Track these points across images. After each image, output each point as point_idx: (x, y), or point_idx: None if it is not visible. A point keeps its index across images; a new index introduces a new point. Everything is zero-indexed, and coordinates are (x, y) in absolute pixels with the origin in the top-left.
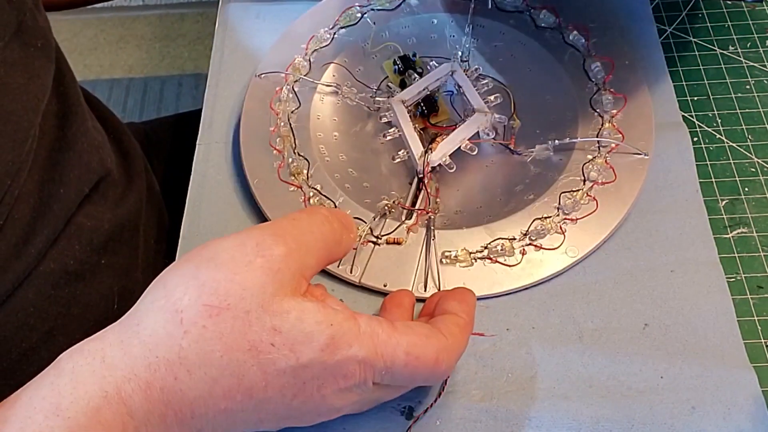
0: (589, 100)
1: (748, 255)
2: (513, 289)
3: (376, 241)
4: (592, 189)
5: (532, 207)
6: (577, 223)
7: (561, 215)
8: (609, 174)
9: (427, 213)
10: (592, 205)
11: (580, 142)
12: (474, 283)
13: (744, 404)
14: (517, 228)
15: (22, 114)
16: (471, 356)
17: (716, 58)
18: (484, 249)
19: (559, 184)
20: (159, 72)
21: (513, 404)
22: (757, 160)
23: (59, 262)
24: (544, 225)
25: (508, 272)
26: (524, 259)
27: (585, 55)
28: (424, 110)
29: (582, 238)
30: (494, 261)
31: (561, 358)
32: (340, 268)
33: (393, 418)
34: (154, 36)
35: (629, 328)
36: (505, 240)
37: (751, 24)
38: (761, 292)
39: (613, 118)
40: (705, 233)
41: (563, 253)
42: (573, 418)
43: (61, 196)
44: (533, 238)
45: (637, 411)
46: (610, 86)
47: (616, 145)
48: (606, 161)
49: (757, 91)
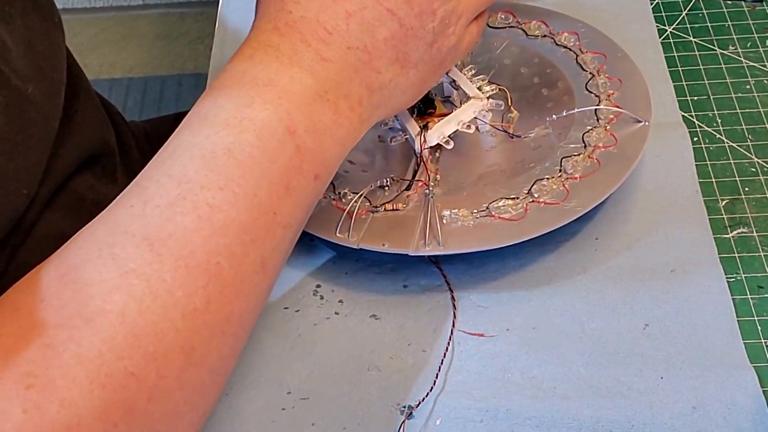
0: (585, 85)
1: (748, 255)
2: (518, 240)
3: (374, 209)
4: (594, 152)
5: (534, 171)
6: (580, 181)
7: (564, 175)
8: (610, 140)
9: (426, 185)
10: (594, 165)
11: (578, 118)
12: (477, 237)
13: (744, 404)
14: (519, 189)
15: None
16: (471, 356)
17: (716, 58)
18: (485, 208)
19: (559, 152)
20: (159, 72)
21: (513, 404)
22: (757, 160)
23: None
24: (547, 184)
25: (512, 225)
26: (528, 214)
27: (577, 53)
28: (421, 107)
29: (586, 193)
30: (497, 218)
31: (561, 358)
32: (339, 236)
33: (393, 418)
34: (154, 35)
35: (629, 328)
36: (507, 199)
37: (751, 24)
38: (761, 292)
39: (610, 96)
40: (705, 233)
41: (569, 207)
42: (573, 418)
43: (59, 156)
44: (536, 195)
45: (637, 411)
46: (605, 73)
47: (616, 115)
48: (606, 129)
49: (757, 91)
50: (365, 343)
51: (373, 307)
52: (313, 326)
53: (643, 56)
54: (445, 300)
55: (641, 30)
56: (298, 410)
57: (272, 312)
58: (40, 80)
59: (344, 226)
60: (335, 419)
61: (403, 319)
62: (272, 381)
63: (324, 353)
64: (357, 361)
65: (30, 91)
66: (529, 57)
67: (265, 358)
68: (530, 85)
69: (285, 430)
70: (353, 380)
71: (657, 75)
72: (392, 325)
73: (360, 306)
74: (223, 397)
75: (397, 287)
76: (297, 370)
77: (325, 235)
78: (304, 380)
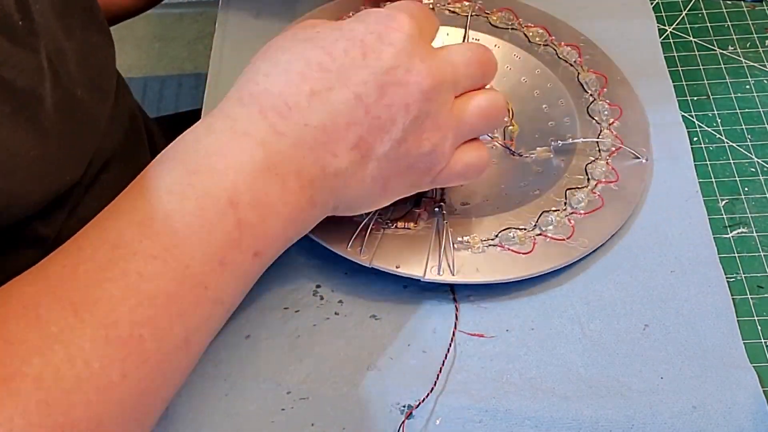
0: (587, 109)
1: (748, 255)
2: (528, 275)
3: (385, 225)
4: (597, 186)
5: (539, 201)
6: (584, 218)
7: (569, 209)
8: (612, 174)
9: (434, 201)
10: (597, 201)
11: (581, 146)
12: (488, 268)
13: (744, 404)
14: (525, 219)
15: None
16: (471, 357)
17: (716, 58)
18: (495, 237)
19: (563, 182)
20: (158, 72)
21: (513, 404)
22: (757, 160)
23: None
24: (553, 217)
25: (521, 259)
26: (536, 248)
27: (579, 70)
28: None
29: (591, 231)
30: (505, 248)
31: (561, 359)
32: (350, 250)
33: (393, 418)
34: (154, 36)
35: (629, 328)
36: (515, 229)
37: (751, 24)
38: (761, 292)
39: (611, 126)
40: (705, 233)
41: (574, 245)
42: (573, 418)
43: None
44: (543, 228)
45: (637, 411)
46: (605, 98)
47: (617, 149)
48: (607, 163)
49: (757, 91)
50: (365, 344)
51: (373, 307)
52: (313, 326)
53: (643, 56)
54: (445, 300)
55: (641, 29)
56: (297, 410)
57: (272, 312)
58: (89, 87)
59: (357, 242)
60: (335, 419)
61: (403, 319)
62: (271, 381)
63: (324, 353)
64: (357, 361)
65: (79, 94)
66: (531, 67)
67: (264, 358)
68: (531, 97)
69: (285, 430)
70: (353, 380)
71: (657, 75)
72: (392, 325)
73: (360, 306)
74: (222, 397)
75: (397, 287)
76: (296, 370)
77: (336, 248)
78: (303, 380)
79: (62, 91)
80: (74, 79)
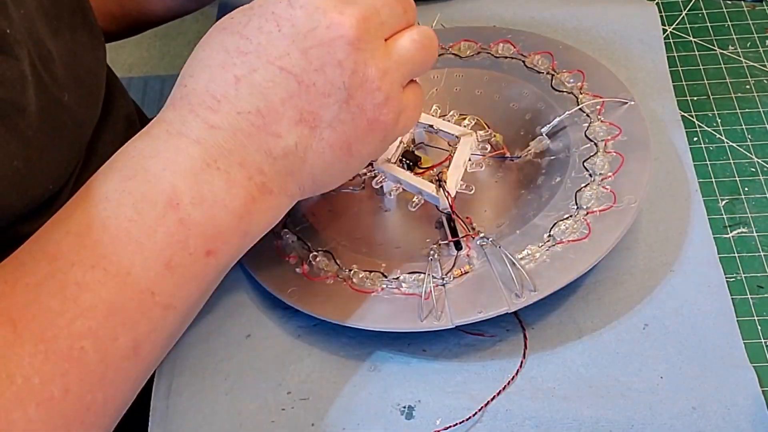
0: (551, 86)
1: (748, 255)
2: (603, 254)
3: (444, 282)
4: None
5: (563, 190)
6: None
7: (595, 182)
8: (616, 160)
9: (475, 235)
10: (617, 161)
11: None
12: (561, 266)
13: (744, 404)
14: (562, 210)
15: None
16: (471, 357)
17: (716, 58)
18: (548, 239)
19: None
20: (159, 71)
21: (513, 404)
22: (757, 160)
23: None
24: (589, 194)
25: (585, 244)
26: (592, 228)
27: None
28: (409, 164)
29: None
30: (565, 242)
31: (561, 358)
32: (424, 323)
33: (393, 418)
34: (154, 35)
35: (629, 328)
36: (561, 221)
37: (751, 24)
38: (761, 292)
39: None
40: (705, 233)
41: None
42: (573, 418)
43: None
44: (586, 206)
45: (637, 411)
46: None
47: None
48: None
49: (757, 91)
50: (365, 344)
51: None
52: (313, 326)
53: (644, 56)
54: None
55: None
56: (297, 410)
57: (272, 312)
58: (77, 90)
59: (425, 311)
60: (335, 419)
61: None
62: (272, 381)
63: (324, 353)
64: (357, 361)
65: (66, 99)
66: (501, 82)
67: (264, 358)
68: (504, 107)
69: (285, 430)
70: (353, 380)
71: (657, 75)
72: None
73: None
74: (222, 397)
75: None
76: (297, 370)
77: (411, 327)
78: (303, 380)
79: (47, 97)
80: (61, 83)
